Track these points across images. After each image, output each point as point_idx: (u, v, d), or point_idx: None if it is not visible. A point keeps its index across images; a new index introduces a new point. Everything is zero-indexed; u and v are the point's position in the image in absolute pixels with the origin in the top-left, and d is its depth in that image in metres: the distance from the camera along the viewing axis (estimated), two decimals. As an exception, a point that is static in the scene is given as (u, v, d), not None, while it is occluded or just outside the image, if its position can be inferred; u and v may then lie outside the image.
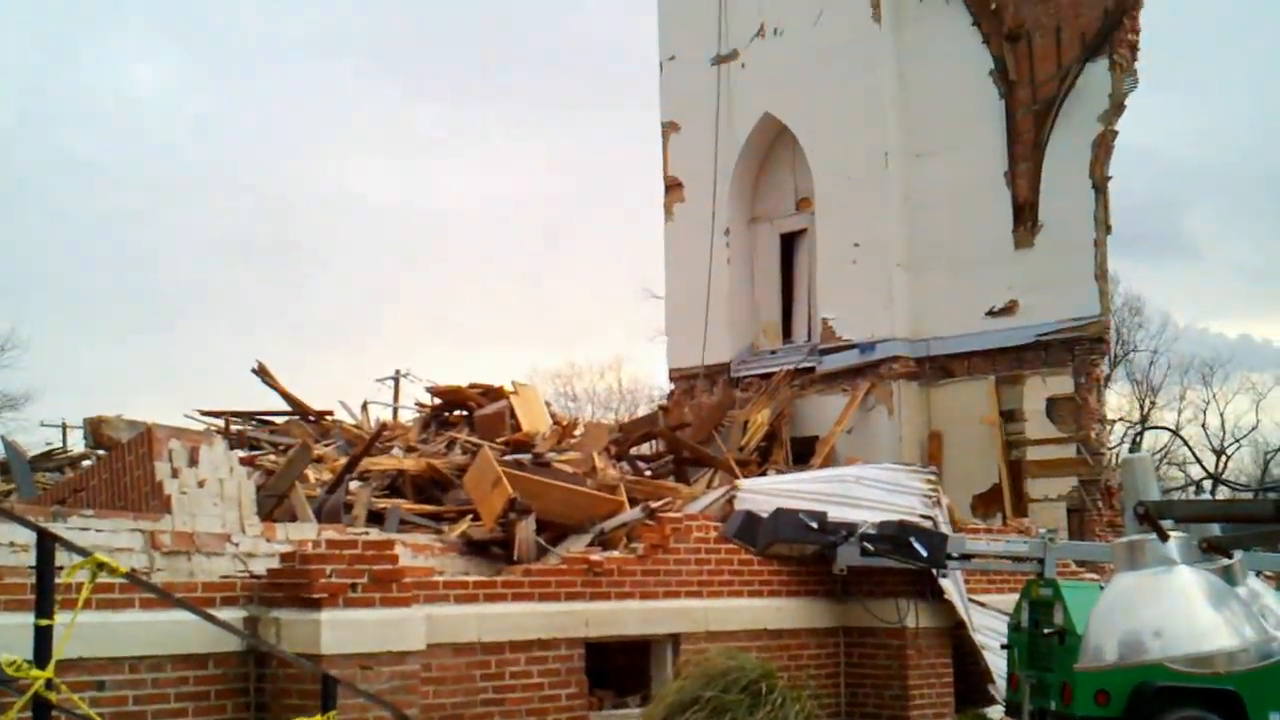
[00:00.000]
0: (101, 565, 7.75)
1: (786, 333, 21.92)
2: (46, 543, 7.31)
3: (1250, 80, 71.19)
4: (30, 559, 7.91)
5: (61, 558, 7.61)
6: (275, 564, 10.10)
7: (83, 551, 7.98)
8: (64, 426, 33.32)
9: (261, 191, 72.71)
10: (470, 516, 13.58)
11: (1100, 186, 18.57)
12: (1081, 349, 18.46)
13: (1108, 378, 27.04)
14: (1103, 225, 18.53)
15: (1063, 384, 18.52)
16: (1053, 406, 18.61)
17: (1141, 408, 50.54)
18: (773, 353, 21.64)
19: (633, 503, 14.20)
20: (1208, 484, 41.73)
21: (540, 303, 74.72)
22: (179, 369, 62.95)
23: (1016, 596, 12.37)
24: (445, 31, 77.87)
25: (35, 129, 66.84)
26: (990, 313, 19.20)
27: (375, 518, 13.37)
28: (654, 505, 13.98)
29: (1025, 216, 19.09)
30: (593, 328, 69.97)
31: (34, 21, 67.99)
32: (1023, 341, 18.86)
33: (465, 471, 14.40)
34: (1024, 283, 18.93)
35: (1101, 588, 3.89)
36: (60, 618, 7.32)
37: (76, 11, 71.22)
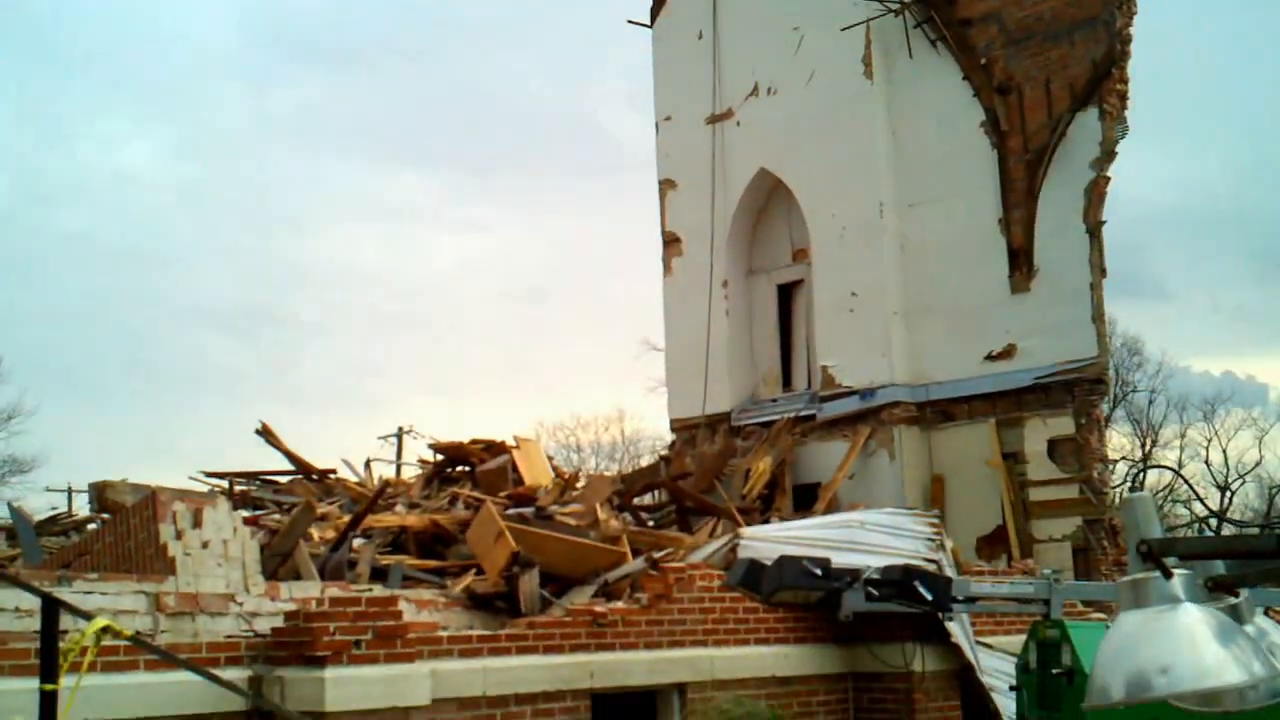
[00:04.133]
0: (106, 628, 7.76)
1: (786, 381, 21.95)
2: (52, 607, 7.33)
3: (1223, 126, 72.14)
4: (36, 624, 7.89)
5: (66, 621, 7.62)
6: (279, 623, 10.07)
7: (87, 615, 7.99)
8: (69, 491, 33.30)
9: (249, 262, 73.22)
10: (474, 571, 13.54)
11: (1094, 231, 18.62)
12: (1081, 390, 18.45)
13: (1108, 418, 27.01)
14: (1098, 269, 18.57)
15: (1063, 425, 18.51)
16: (1054, 447, 18.59)
17: (1143, 446, 50.55)
18: (773, 401, 21.66)
19: (636, 553, 14.16)
20: (1213, 521, 41.62)
21: (541, 357, 74.93)
22: (179, 437, 63.09)
23: (1024, 637, 12.30)
24: (427, 102, 78.76)
25: (31, 208, 67.43)
26: (989, 357, 19.23)
27: (379, 574, 13.33)
28: (657, 555, 13.95)
29: (1021, 262, 19.15)
30: (595, 380, 70.21)
31: (29, 107, 68.81)
32: (1022, 384, 18.85)
33: (468, 526, 14.37)
34: (1021, 327, 18.96)
35: (1108, 627, 3.86)
36: (66, 680, 7.33)
37: (69, 96, 72.07)
